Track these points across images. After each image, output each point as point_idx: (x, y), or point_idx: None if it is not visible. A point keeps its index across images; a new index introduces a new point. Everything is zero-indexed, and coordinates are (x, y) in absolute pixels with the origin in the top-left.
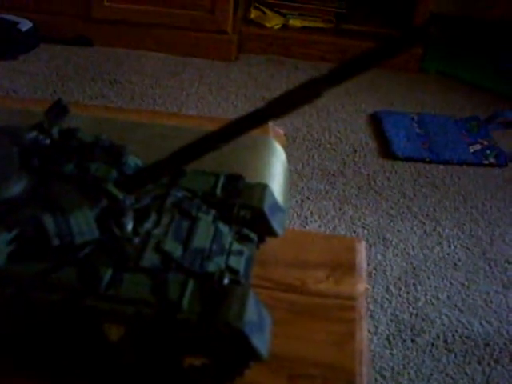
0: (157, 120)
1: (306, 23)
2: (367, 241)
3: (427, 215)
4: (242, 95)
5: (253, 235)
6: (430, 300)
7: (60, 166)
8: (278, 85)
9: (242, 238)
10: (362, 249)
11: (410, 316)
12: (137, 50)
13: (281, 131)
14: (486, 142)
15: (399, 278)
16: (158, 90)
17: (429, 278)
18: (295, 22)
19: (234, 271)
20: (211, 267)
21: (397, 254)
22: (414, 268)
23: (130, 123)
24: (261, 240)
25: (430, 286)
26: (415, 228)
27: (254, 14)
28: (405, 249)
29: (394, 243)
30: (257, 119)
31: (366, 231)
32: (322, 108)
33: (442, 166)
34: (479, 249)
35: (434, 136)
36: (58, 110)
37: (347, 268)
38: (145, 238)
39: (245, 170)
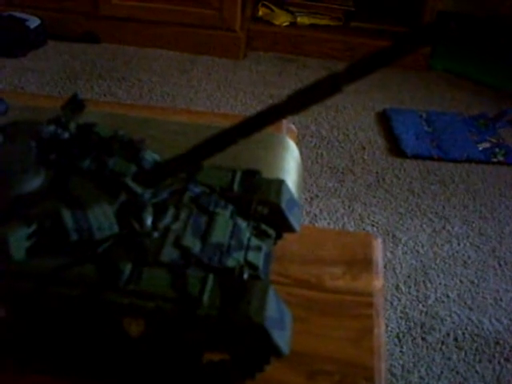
0: (169, 116)
1: (314, 21)
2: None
3: (436, 213)
4: (251, 93)
5: (271, 231)
6: (440, 298)
7: (78, 160)
8: (286, 82)
9: (260, 234)
10: (378, 245)
11: (420, 314)
12: (145, 48)
13: (294, 128)
14: (494, 140)
15: (409, 276)
16: (167, 87)
17: (438, 276)
18: (303, 20)
19: (253, 266)
20: (230, 262)
21: (406, 252)
22: (424, 266)
23: (143, 119)
24: (278, 236)
25: (440, 284)
26: (424, 226)
27: (262, 11)
28: (414, 246)
29: (403, 241)
30: (276, 114)
31: (375, 229)
32: (331, 106)
33: (450, 164)
34: (488, 246)
35: (443, 134)
36: (75, 105)
37: (364, 264)
38: (164, 233)
39: (259, 166)
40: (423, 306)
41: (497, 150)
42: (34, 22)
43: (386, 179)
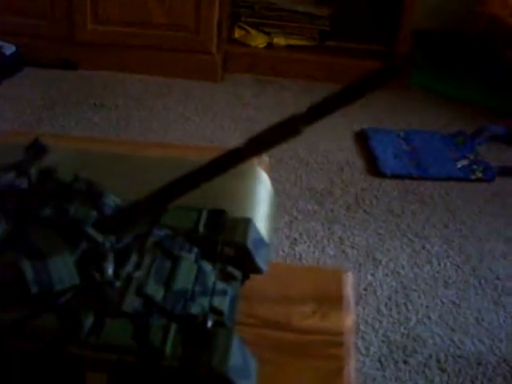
0: (138, 151)
1: (290, 41)
2: (357, 261)
3: (416, 233)
4: (229, 115)
5: (237, 273)
6: (422, 319)
7: (38, 208)
8: (264, 104)
9: (226, 277)
10: (348, 280)
11: (402, 336)
12: (122, 73)
13: (265, 157)
14: (472, 157)
15: (390, 298)
16: (144, 112)
17: (419, 297)
18: (279, 41)
19: (218, 312)
20: (194, 309)
21: (387, 274)
22: (405, 287)
23: (111, 155)
24: (245, 277)
25: (421, 306)
26: (404, 246)
27: (237, 33)
28: (395, 268)
29: (383, 262)
30: (238, 157)
31: (355, 251)
32: (310, 127)
33: (429, 182)
34: (469, 266)
35: (421, 152)
36: (37, 149)
37: (334, 302)
38: (126, 282)
39: (229, 199)
40: (405, 328)
41: (475, 167)
42: (9, 49)
43: (366, 200)
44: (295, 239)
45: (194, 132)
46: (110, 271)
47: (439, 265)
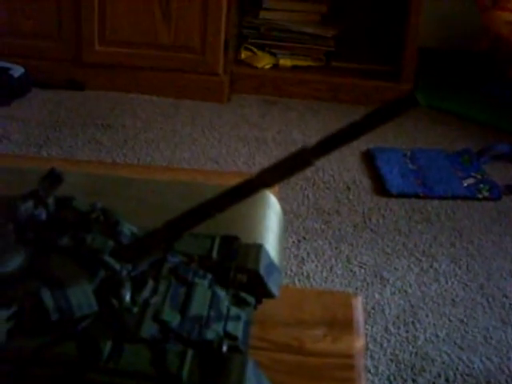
0: (150, 175)
1: (296, 62)
2: (364, 280)
3: (423, 252)
4: (235, 136)
5: (250, 298)
6: (430, 338)
7: (56, 238)
8: (270, 125)
9: (239, 302)
10: (358, 304)
11: (410, 355)
12: (129, 94)
13: None
14: (479, 176)
15: (398, 317)
16: (151, 133)
17: (427, 316)
18: (285, 62)
19: (232, 337)
20: (209, 335)
21: (394, 293)
22: (412, 306)
23: (123, 180)
24: (257, 301)
25: (429, 324)
26: (412, 265)
27: (244, 54)
28: (402, 287)
29: (391, 281)
30: (250, 189)
31: (362, 270)
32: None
33: (436, 202)
34: (476, 284)
35: (427, 171)
36: (53, 178)
37: (344, 325)
38: (143, 308)
39: (239, 225)
40: (413, 346)
41: (481, 185)
42: (17, 71)
43: (372, 219)
44: (303, 258)
45: (201, 153)
46: (128, 298)
47: (447, 283)
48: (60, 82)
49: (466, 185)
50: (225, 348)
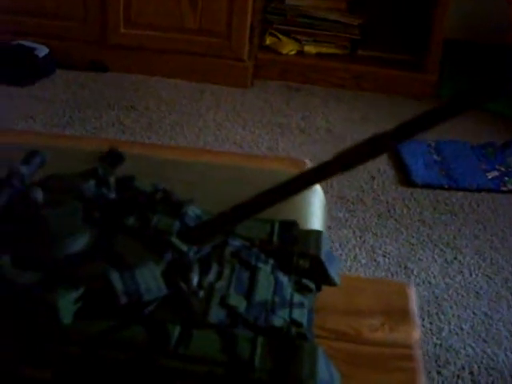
0: (192, 157)
1: (320, 49)
2: (388, 269)
3: (447, 243)
4: (259, 122)
5: (312, 285)
6: (454, 330)
7: (122, 218)
8: (294, 111)
9: (302, 289)
10: (412, 294)
11: (435, 347)
12: (153, 76)
13: (311, 164)
14: (503, 169)
15: (422, 308)
16: (175, 116)
17: (451, 308)
18: (310, 49)
19: (298, 324)
20: (276, 321)
21: (418, 284)
22: (437, 297)
23: (169, 161)
24: (317, 288)
25: (453, 316)
26: (436, 256)
27: (269, 40)
28: (426, 278)
29: (415, 272)
30: (323, 173)
31: (386, 260)
32: (340, 135)
33: (460, 193)
34: (501, 277)
35: (452, 163)
36: (113, 157)
37: (400, 315)
38: (209, 292)
39: (287, 210)
40: (437, 338)
41: (506, 178)
42: (42, 51)
43: (397, 209)
44: None
45: (225, 137)
46: (195, 282)
47: (471, 275)
48: (84, 64)
49: (490, 177)
50: (293, 335)
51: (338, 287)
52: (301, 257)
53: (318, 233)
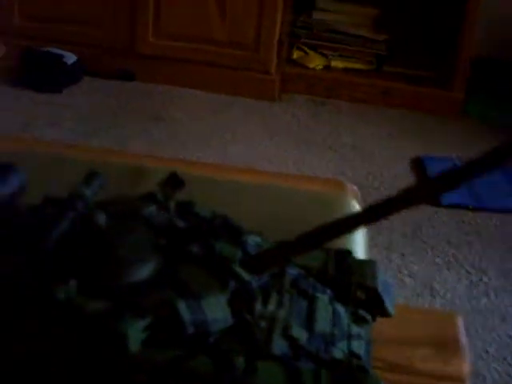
0: (227, 175)
1: (347, 64)
2: (414, 290)
3: (473, 264)
4: (286, 136)
5: (368, 316)
6: (479, 353)
7: (186, 245)
8: (321, 126)
9: (358, 320)
10: (461, 324)
11: None
12: (180, 87)
13: (356, 189)
14: None
15: None
16: (202, 128)
17: (477, 331)
18: (337, 63)
19: (357, 356)
20: (336, 353)
21: (444, 305)
22: (462, 319)
23: (206, 179)
24: (372, 319)
25: (479, 339)
26: (462, 277)
27: (296, 54)
28: (452, 299)
29: (441, 293)
30: (381, 213)
31: (412, 280)
32: (365, 151)
33: (486, 214)
34: None
35: (478, 183)
36: (174, 182)
37: (452, 346)
38: (271, 322)
39: None
40: None
41: None
42: (70, 59)
43: (423, 229)
44: None
45: (254, 151)
46: (260, 312)
47: (496, 298)
48: (111, 72)
49: None
50: (353, 368)
51: (393, 317)
52: (358, 287)
53: (372, 263)
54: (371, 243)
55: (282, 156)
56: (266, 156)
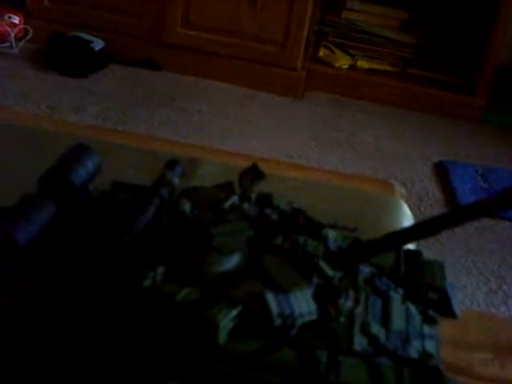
0: (277, 170)
1: (373, 65)
2: None
3: (492, 272)
4: (308, 133)
5: (437, 317)
6: None
7: (271, 238)
8: (343, 125)
9: (428, 320)
10: None
11: None
12: (205, 79)
13: (404, 191)
14: None
15: None
16: (226, 120)
17: None
18: (362, 64)
19: (430, 356)
20: (412, 352)
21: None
22: None
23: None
24: None
25: None
26: (481, 284)
27: (322, 52)
28: (470, 305)
29: (459, 299)
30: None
31: None
32: (386, 152)
33: (507, 222)
34: None
35: (499, 190)
36: (254, 174)
37: (509, 350)
38: (350, 318)
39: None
40: None
41: None
42: (98, 45)
43: (443, 234)
44: None
45: (275, 145)
46: (344, 308)
47: None
48: (138, 60)
49: None
50: (432, 367)
51: (459, 319)
52: (429, 288)
53: (440, 264)
54: None
55: (305, 153)
56: (287, 152)
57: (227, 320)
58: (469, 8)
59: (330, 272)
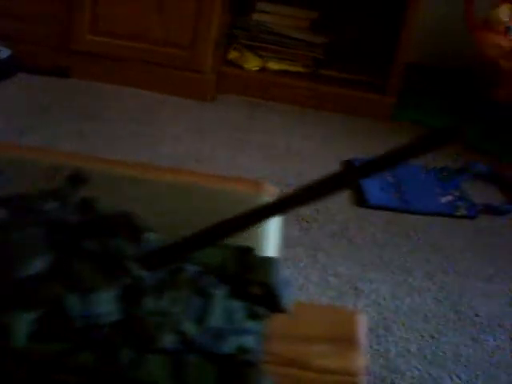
0: (149, 175)
1: (283, 66)
2: (339, 289)
3: (398, 265)
4: (218, 136)
5: (264, 312)
6: (401, 352)
7: (81, 241)
8: (254, 127)
9: (254, 315)
10: (362, 322)
11: (381, 368)
12: (115, 85)
13: (275, 189)
14: (457, 194)
15: (370, 329)
16: (135, 127)
17: (399, 330)
18: (273, 65)
19: (247, 351)
20: (226, 348)
21: (368, 305)
22: (385, 319)
23: (126, 178)
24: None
25: (401, 338)
26: (387, 278)
27: (232, 54)
28: (376, 299)
29: (365, 293)
30: (285, 206)
31: (337, 280)
32: (299, 154)
33: (413, 216)
34: (449, 301)
35: (407, 186)
36: (78, 179)
37: (349, 343)
38: (162, 317)
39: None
40: (384, 359)
41: (459, 203)
42: (4, 53)
43: (350, 229)
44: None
45: (185, 150)
46: (149, 307)
47: (420, 298)
48: (46, 68)
49: (444, 201)
50: (241, 361)
51: (289, 313)
52: (255, 284)
53: (272, 260)
54: (298, 242)
55: (214, 156)
56: (197, 157)
57: (22, 323)
58: (378, 8)
59: (139, 272)
